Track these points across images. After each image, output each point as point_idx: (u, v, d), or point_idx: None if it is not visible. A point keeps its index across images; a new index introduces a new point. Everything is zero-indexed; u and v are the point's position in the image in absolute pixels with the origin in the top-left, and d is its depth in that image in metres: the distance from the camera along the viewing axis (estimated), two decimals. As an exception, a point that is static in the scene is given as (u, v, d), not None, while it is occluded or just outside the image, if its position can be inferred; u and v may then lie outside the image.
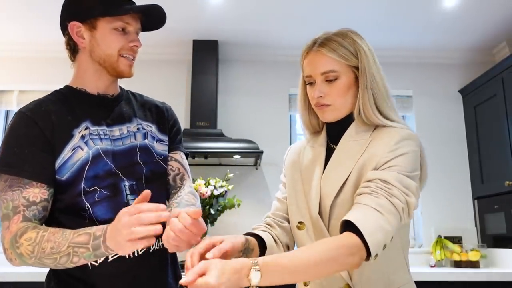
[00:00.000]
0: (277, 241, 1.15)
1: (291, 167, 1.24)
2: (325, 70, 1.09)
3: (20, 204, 1.02)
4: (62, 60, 4.07)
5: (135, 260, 1.11)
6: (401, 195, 0.97)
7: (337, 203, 1.07)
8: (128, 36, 1.15)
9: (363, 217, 0.92)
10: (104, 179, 1.10)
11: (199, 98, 3.30)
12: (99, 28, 1.12)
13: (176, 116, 1.34)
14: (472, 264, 2.95)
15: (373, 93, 1.08)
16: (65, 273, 1.10)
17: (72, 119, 1.12)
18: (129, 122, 1.21)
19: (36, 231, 0.99)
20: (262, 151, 2.97)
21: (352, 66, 1.09)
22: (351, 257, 0.88)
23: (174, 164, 1.27)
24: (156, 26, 1.23)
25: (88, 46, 1.14)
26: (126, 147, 1.16)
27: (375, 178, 0.99)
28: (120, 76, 1.18)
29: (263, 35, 3.35)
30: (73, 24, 1.13)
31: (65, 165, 1.07)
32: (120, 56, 1.14)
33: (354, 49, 1.09)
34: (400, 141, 1.04)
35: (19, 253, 0.98)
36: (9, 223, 1.02)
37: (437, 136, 3.45)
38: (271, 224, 1.19)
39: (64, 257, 0.95)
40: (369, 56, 1.10)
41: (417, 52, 3.55)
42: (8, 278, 2.49)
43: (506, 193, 2.94)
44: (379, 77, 1.10)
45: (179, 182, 1.25)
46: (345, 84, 1.09)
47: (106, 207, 1.09)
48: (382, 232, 0.92)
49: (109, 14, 1.11)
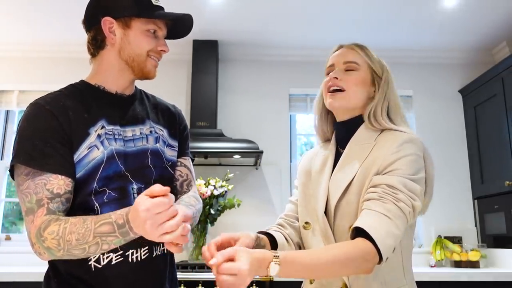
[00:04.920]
0: (289, 240, 1.20)
1: (303, 172, 1.29)
2: (349, 60, 1.18)
3: (44, 196, 1.01)
4: (62, 60, 4.08)
5: (138, 264, 1.11)
6: (407, 199, 1.01)
7: (341, 204, 1.10)
8: (158, 40, 1.16)
9: (374, 224, 0.96)
10: (113, 181, 1.09)
11: (199, 98, 3.30)
12: (133, 27, 1.13)
13: (186, 121, 1.35)
14: (472, 264, 2.95)
15: (389, 103, 1.17)
16: (66, 273, 1.10)
17: (89, 117, 1.11)
18: (142, 124, 1.20)
19: (58, 224, 0.98)
20: (262, 151, 2.97)
21: (373, 70, 1.18)
22: (365, 263, 0.94)
23: (183, 170, 1.28)
24: (179, 35, 1.24)
25: (118, 44, 1.13)
26: (138, 149, 1.16)
27: (381, 183, 1.03)
28: (145, 76, 1.18)
29: (263, 35, 3.35)
30: (106, 20, 1.12)
31: (80, 163, 1.07)
32: (148, 57, 1.15)
33: (381, 64, 1.21)
34: (402, 144, 1.07)
35: (46, 247, 0.98)
36: (34, 217, 1.00)
37: (437, 136, 3.45)
38: (282, 225, 1.25)
39: (93, 246, 0.96)
40: (391, 80, 1.20)
41: (417, 52, 3.55)
42: (8, 278, 2.49)
43: (506, 193, 2.94)
44: (395, 97, 1.19)
45: (186, 187, 1.27)
46: (362, 77, 1.17)
47: (113, 208, 1.07)
48: (392, 237, 0.96)
49: (144, 16, 1.12)
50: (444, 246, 3.12)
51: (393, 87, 1.19)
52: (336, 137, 1.25)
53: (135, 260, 1.11)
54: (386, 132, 1.14)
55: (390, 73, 1.21)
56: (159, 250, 1.17)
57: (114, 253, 1.09)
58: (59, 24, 3.14)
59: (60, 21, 3.09)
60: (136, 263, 1.11)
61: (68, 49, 3.36)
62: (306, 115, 3.65)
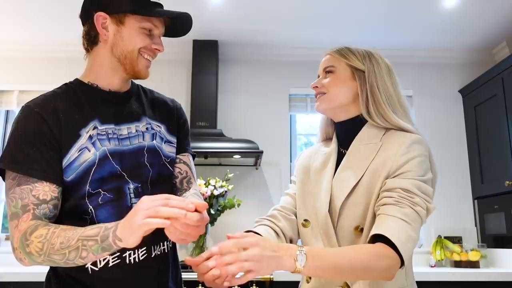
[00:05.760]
0: (280, 234, 1.19)
1: (301, 169, 1.29)
2: (326, 66, 1.23)
3: (29, 202, 1.00)
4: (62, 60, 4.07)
5: (136, 265, 1.09)
6: (423, 202, 1.02)
7: (347, 204, 1.10)
8: (153, 38, 1.13)
9: (394, 230, 0.96)
10: (108, 182, 1.07)
11: (199, 98, 3.30)
12: (126, 24, 1.09)
13: (185, 115, 1.31)
14: (472, 264, 2.95)
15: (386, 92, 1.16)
16: (66, 274, 1.08)
17: (80, 118, 1.09)
18: (138, 121, 1.17)
19: (47, 228, 0.97)
20: (262, 151, 2.97)
21: (352, 66, 1.19)
22: (389, 270, 0.94)
23: (183, 167, 1.24)
24: (178, 34, 1.22)
25: (110, 40, 1.10)
26: (134, 148, 1.13)
27: (395, 187, 1.03)
28: (136, 76, 1.15)
29: (263, 35, 3.35)
30: (99, 15, 1.09)
31: (71, 166, 1.05)
32: (139, 55, 1.12)
33: (363, 55, 1.20)
34: (411, 145, 1.08)
35: (28, 252, 0.96)
36: (18, 221, 0.99)
37: (437, 136, 3.45)
38: (276, 217, 1.23)
39: (73, 252, 0.93)
40: (382, 67, 1.19)
41: (417, 52, 3.55)
42: (8, 278, 2.49)
43: (506, 193, 2.94)
44: (391, 86, 1.18)
45: (186, 185, 1.23)
46: (339, 77, 1.20)
47: (109, 210, 1.06)
48: (411, 241, 0.97)
49: (139, 13, 1.09)
50: (444, 246, 3.12)
51: (383, 75, 1.18)
52: (337, 137, 1.25)
53: (132, 262, 1.09)
54: (391, 132, 1.14)
55: (381, 63, 1.20)
56: (159, 250, 1.14)
57: (110, 255, 1.07)
58: (59, 24, 3.14)
59: (60, 21, 3.09)
60: (134, 264, 1.09)
61: (68, 49, 3.36)
62: (306, 115, 3.65)
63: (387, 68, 1.21)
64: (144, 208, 0.87)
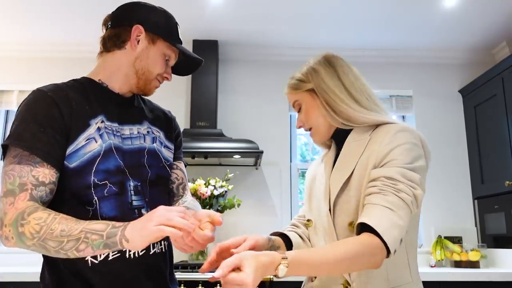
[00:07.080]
0: (304, 238, 1.26)
1: (309, 177, 1.34)
2: (292, 103, 1.27)
3: (28, 181, 0.99)
4: (62, 60, 4.07)
5: (135, 260, 1.10)
6: (408, 188, 1.00)
7: (340, 201, 1.12)
8: (167, 67, 1.22)
9: (378, 218, 0.96)
10: (114, 175, 1.09)
11: (199, 98, 3.30)
12: (156, 45, 1.18)
13: (179, 128, 1.40)
14: (472, 264, 2.95)
15: (339, 98, 1.16)
16: (64, 266, 1.08)
17: (90, 110, 1.12)
18: (140, 124, 1.22)
19: (48, 213, 0.96)
20: (262, 151, 2.97)
21: (308, 90, 1.21)
22: (373, 258, 0.94)
23: (179, 173, 1.32)
24: (179, 72, 1.31)
25: (137, 52, 1.17)
26: (135, 148, 1.17)
27: (379, 176, 1.03)
28: (144, 92, 1.22)
29: (263, 35, 3.35)
30: (138, 27, 1.16)
31: (77, 153, 1.06)
32: (155, 78, 1.20)
33: (307, 73, 1.22)
34: (395, 134, 1.07)
35: (20, 232, 0.94)
36: (15, 199, 0.97)
37: (437, 136, 3.45)
38: (296, 225, 1.32)
39: (72, 242, 0.92)
40: (328, 73, 1.19)
41: (417, 52, 3.55)
42: (8, 278, 2.49)
43: (506, 193, 2.94)
44: (349, 88, 1.17)
45: (181, 191, 1.31)
46: (307, 108, 1.22)
47: (112, 203, 1.07)
48: (397, 229, 0.96)
49: (169, 41, 1.18)
50: (444, 246, 3.12)
51: (330, 80, 1.18)
52: (334, 141, 1.26)
53: (132, 257, 1.10)
54: (380, 126, 1.14)
55: (317, 70, 1.20)
56: (158, 248, 1.17)
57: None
58: (59, 24, 3.14)
59: (60, 21, 3.09)
60: (134, 259, 1.10)
61: (68, 49, 3.36)
62: (306, 115, 3.65)
63: (334, 71, 1.20)
64: (159, 215, 0.92)
